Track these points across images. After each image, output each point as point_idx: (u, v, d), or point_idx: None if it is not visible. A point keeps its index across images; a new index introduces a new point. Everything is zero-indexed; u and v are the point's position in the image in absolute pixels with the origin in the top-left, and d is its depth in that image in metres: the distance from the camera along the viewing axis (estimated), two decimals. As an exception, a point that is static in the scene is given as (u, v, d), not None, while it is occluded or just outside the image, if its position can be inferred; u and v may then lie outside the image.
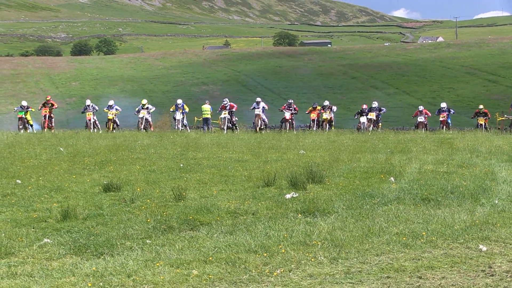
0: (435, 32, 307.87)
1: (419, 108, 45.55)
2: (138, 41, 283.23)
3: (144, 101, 45.35)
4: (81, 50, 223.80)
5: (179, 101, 45.21)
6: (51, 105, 44.21)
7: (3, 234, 12.46)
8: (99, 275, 9.75)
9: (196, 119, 50.52)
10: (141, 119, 43.83)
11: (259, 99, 44.53)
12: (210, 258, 10.37)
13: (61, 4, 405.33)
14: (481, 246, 10.63)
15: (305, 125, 49.06)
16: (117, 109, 44.41)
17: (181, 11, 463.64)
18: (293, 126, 44.09)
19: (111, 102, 44.75)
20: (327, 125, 43.68)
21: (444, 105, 45.35)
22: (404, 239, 11.19)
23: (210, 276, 9.54)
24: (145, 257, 10.68)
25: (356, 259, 10.20)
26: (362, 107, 44.05)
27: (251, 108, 43.97)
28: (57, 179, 18.59)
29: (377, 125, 43.59)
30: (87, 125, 44.63)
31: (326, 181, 17.45)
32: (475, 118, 45.46)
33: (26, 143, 28.78)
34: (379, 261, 10.04)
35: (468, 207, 13.97)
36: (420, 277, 9.19)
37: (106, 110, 44.49)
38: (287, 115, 43.53)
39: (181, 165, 20.98)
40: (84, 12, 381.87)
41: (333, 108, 45.39)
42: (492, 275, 9.22)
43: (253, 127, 43.85)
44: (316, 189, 16.49)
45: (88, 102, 45.66)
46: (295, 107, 44.52)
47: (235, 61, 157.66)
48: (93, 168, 20.65)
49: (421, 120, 43.94)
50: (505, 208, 13.82)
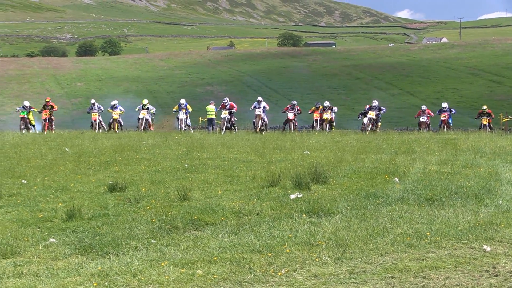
0: (439, 33, 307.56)
1: (421, 107, 45.25)
2: (143, 42, 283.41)
3: (145, 101, 45.01)
4: (86, 50, 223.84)
5: (182, 101, 44.63)
6: (51, 107, 43.93)
7: (9, 234, 12.48)
8: (104, 274, 9.76)
9: (201, 119, 50.51)
10: (141, 119, 43.43)
11: (260, 98, 43.88)
12: (215, 258, 10.38)
13: (66, 5, 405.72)
14: (485, 247, 10.62)
15: (309, 125, 48.53)
16: (121, 109, 44.33)
17: (186, 12, 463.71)
18: (296, 127, 43.46)
19: (114, 102, 44.59)
20: (327, 125, 43.08)
21: (445, 105, 44.99)
22: (408, 239, 11.19)
23: (215, 276, 9.55)
24: (150, 257, 10.69)
25: (360, 259, 10.19)
26: (366, 107, 43.69)
27: (251, 107, 43.01)
28: (62, 179, 18.61)
29: (376, 125, 42.67)
30: (92, 125, 44.61)
31: (331, 181, 17.44)
32: (478, 119, 45.39)
33: (31, 143, 28.81)
34: (383, 261, 10.04)
35: (472, 207, 13.96)
36: (424, 277, 9.19)
37: (110, 110, 44.28)
38: (290, 116, 42.91)
39: (186, 165, 20.99)
40: (89, 13, 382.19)
41: (334, 109, 44.71)
42: (496, 276, 9.21)
43: (253, 128, 42.97)
44: (321, 189, 16.49)
45: (93, 101, 45.64)
46: (298, 108, 43.87)
47: (240, 61, 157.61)
48: (99, 168, 20.67)
49: (423, 120, 43.65)
50: (509, 208, 13.81)
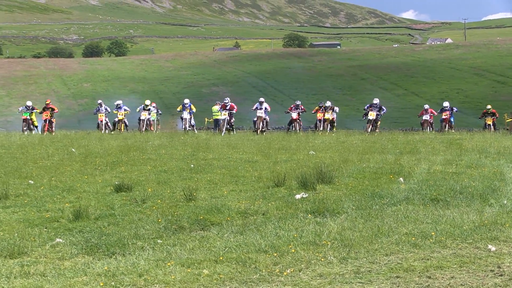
0: (443, 33, 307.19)
1: (424, 106, 45.15)
2: (149, 43, 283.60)
3: (147, 102, 44.77)
4: (92, 51, 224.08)
5: (186, 100, 44.19)
6: (51, 109, 43.43)
7: (16, 234, 12.50)
8: (110, 274, 9.77)
9: (207, 120, 50.57)
10: (142, 121, 43.25)
11: (262, 99, 42.92)
12: (221, 258, 10.38)
13: (73, 7, 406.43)
14: (490, 246, 10.60)
15: (312, 126, 48.16)
16: (125, 110, 44.33)
17: (192, 13, 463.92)
18: (301, 126, 43.15)
19: (118, 102, 44.53)
20: (328, 125, 42.65)
21: (447, 104, 44.70)
22: (413, 239, 11.18)
23: (220, 276, 9.55)
24: (156, 257, 10.69)
25: (365, 259, 10.18)
26: (366, 106, 43.15)
27: (253, 108, 42.05)
28: (69, 179, 18.63)
29: (376, 125, 41.87)
30: (98, 126, 44.68)
31: (336, 181, 17.43)
32: (482, 118, 45.29)
33: (38, 144, 28.86)
34: (388, 261, 10.03)
35: (477, 207, 13.94)
36: (429, 277, 9.18)
37: (116, 111, 44.17)
38: (293, 115, 42.56)
39: (192, 165, 20.99)
40: (96, 14, 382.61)
41: (336, 109, 44.41)
42: (501, 275, 9.20)
43: (252, 128, 42.34)
44: (326, 189, 16.48)
45: (100, 101, 45.64)
46: (302, 107, 43.60)
47: (245, 62, 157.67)
48: (105, 169, 20.69)
49: (426, 118, 43.55)
50: (514, 208, 13.79)
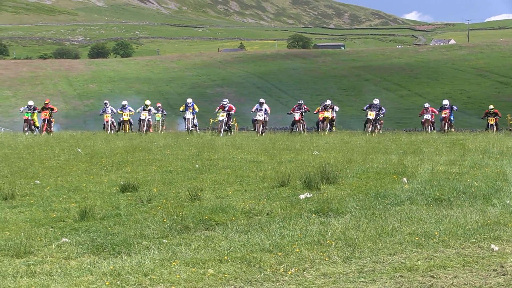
0: (447, 34, 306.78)
1: (424, 105, 44.31)
2: (154, 44, 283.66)
3: (147, 102, 44.04)
4: (98, 53, 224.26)
5: (188, 100, 43.62)
6: (50, 109, 42.65)
7: (22, 234, 12.52)
8: (116, 274, 9.78)
9: (212, 120, 50.56)
10: (143, 121, 42.59)
11: (262, 100, 41.95)
12: (226, 258, 10.38)
13: (79, 8, 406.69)
14: (493, 246, 10.60)
15: (315, 126, 47.37)
16: (130, 110, 44.28)
17: (197, 15, 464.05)
18: (304, 127, 42.02)
19: (124, 102, 44.43)
20: (327, 125, 41.49)
21: (446, 102, 43.94)
22: (417, 238, 11.17)
23: (225, 275, 9.55)
24: (161, 256, 10.70)
25: (369, 258, 10.18)
26: (365, 107, 42.60)
27: (253, 109, 41.19)
28: (75, 179, 18.65)
29: (375, 125, 41.08)
30: (104, 126, 44.71)
31: (340, 181, 17.42)
32: (485, 119, 44.92)
33: (44, 144, 28.88)
34: (392, 260, 10.03)
35: (480, 207, 13.94)
36: (433, 276, 9.17)
37: (121, 111, 44.11)
38: (296, 116, 41.49)
39: (197, 166, 20.99)
40: (102, 16, 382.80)
41: (335, 108, 43.22)
42: (504, 275, 9.19)
43: (253, 129, 41.56)
44: (330, 189, 16.48)
45: (106, 101, 45.60)
46: (305, 107, 42.38)
47: (250, 63, 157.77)
48: (111, 169, 20.70)
49: (427, 118, 42.81)
50: (517, 208, 13.78)
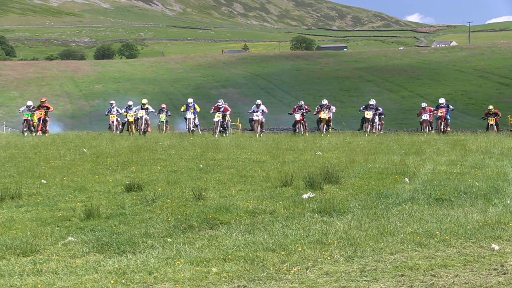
0: (448, 36, 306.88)
1: (422, 105, 43.13)
2: (159, 45, 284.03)
3: (144, 101, 42.64)
4: (104, 54, 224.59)
5: (189, 100, 42.79)
6: (46, 108, 40.93)
7: (28, 233, 12.54)
8: (121, 272, 9.79)
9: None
10: (140, 119, 41.09)
11: (259, 101, 41.03)
12: (229, 256, 10.39)
13: (85, 10, 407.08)
14: (493, 245, 10.59)
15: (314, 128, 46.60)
16: (135, 111, 43.98)
17: (201, 16, 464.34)
18: (306, 128, 40.91)
19: (130, 103, 43.65)
20: (324, 125, 40.23)
21: (443, 100, 42.68)
22: (418, 238, 11.17)
23: (229, 274, 9.55)
24: (166, 255, 10.71)
25: (371, 257, 10.18)
26: (361, 107, 41.90)
27: (249, 111, 40.60)
28: (80, 179, 18.67)
29: (372, 125, 40.13)
30: (110, 127, 44.67)
31: (342, 181, 17.42)
32: (485, 119, 44.24)
33: (51, 144, 28.91)
34: (393, 259, 10.02)
35: (480, 207, 13.93)
36: (434, 275, 9.16)
37: (125, 113, 43.43)
38: (297, 117, 40.30)
39: (201, 165, 21.00)
40: (107, 17, 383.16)
41: (332, 108, 41.84)
42: (504, 274, 9.18)
43: (250, 130, 40.66)
44: (332, 189, 16.48)
45: (112, 102, 45.43)
46: (306, 107, 41.21)
47: (253, 64, 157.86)
48: (116, 169, 20.71)
49: (425, 118, 41.55)
50: (517, 208, 13.77)
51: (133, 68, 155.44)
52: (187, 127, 41.74)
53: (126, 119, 43.17)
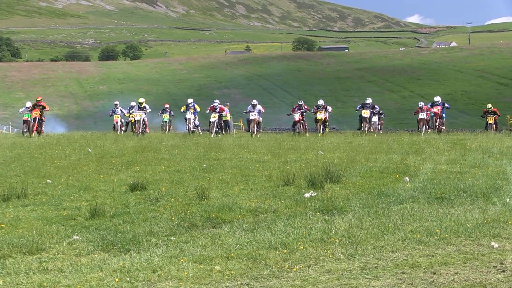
0: (448, 37, 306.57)
1: (419, 104, 41.98)
2: (162, 47, 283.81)
3: (141, 100, 40.65)
4: (108, 55, 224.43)
5: (189, 100, 41.83)
6: (42, 107, 37.96)
7: (34, 231, 12.56)
8: (126, 270, 9.80)
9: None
10: (138, 121, 39.42)
11: (255, 101, 39.95)
12: (232, 255, 10.39)
13: (89, 12, 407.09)
14: (493, 243, 10.59)
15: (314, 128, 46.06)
16: (133, 111, 43.65)
17: (204, 18, 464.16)
18: (305, 127, 39.98)
19: (133, 103, 42.59)
20: (321, 126, 39.47)
21: (438, 98, 41.91)
22: (419, 236, 11.17)
23: (232, 272, 9.56)
24: (169, 254, 10.72)
25: (372, 255, 10.18)
26: (358, 107, 41.01)
27: (245, 111, 39.74)
28: (85, 178, 18.69)
29: (370, 124, 39.58)
30: (114, 127, 44.65)
31: (343, 180, 17.42)
32: (484, 118, 43.30)
33: (56, 144, 28.94)
34: (394, 257, 10.03)
35: (480, 205, 13.93)
36: (434, 273, 9.17)
37: (127, 114, 42.83)
38: (296, 117, 39.48)
39: (204, 165, 21.01)
40: (111, 19, 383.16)
41: (328, 108, 40.93)
42: (503, 271, 9.18)
43: (247, 131, 39.79)
44: (334, 188, 16.49)
45: (117, 102, 45.32)
46: (305, 107, 40.28)
47: (256, 65, 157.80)
48: (120, 168, 20.72)
49: (422, 117, 40.35)
50: (516, 206, 13.77)
51: (137, 69, 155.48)
52: (187, 127, 40.81)
53: (129, 119, 43.08)
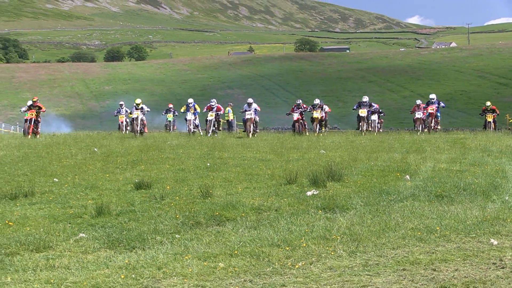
0: (448, 38, 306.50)
1: (416, 102, 41.42)
2: (167, 48, 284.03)
3: (138, 100, 38.89)
4: (113, 56, 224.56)
5: (189, 100, 40.50)
6: (38, 108, 37.03)
7: (41, 229, 12.57)
8: (131, 267, 9.80)
9: (222, 121, 50.51)
10: (136, 119, 37.76)
11: (250, 100, 38.07)
12: (236, 252, 10.39)
13: (95, 14, 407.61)
14: (492, 240, 10.58)
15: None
16: (131, 112, 43.26)
17: (208, 19, 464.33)
18: (305, 127, 38.89)
19: (138, 101, 42.36)
20: (317, 125, 38.59)
21: (433, 96, 40.59)
22: (419, 233, 11.17)
23: (235, 269, 9.56)
24: (174, 251, 10.72)
25: (373, 252, 10.18)
26: (355, 106, 40.21)
27: (241, 110, 38.07)
28: (91, 177, 18.70)
29: (368, 123, 38.99)
30: (119, 127, 44.65)
31: (345, 179, 17.42)
32: (483, 116, 42.26)
33: (62, 143, 28.97)
34: (395, 254, 10.03)
35: (479, 203, 13.92)
36: (434, 270, 9.17)
37: (131, 114, 41.95)
38: (295, 117, 38.55)
39: (208, 164, 21.01)
40: (117, 21, 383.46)
41: (325, 108, 40.22)
42: (503, 268, 9.18)
43: (243, 131, 38.77)
44: (336, 186, 16.48)
45: (122, 102, 45.28)
46: (304, 106, 39.25)
47: (258, 66, 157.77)
48: (126, 167, 20.73)
49: (419, 116, 39.41)
50: (515, 204, 13.75)
51: (142, 70, 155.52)
52: (188, 128, 39.58)
53: (132, 118, 42.64)
